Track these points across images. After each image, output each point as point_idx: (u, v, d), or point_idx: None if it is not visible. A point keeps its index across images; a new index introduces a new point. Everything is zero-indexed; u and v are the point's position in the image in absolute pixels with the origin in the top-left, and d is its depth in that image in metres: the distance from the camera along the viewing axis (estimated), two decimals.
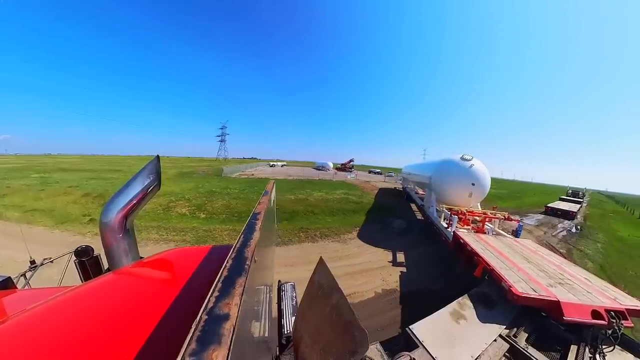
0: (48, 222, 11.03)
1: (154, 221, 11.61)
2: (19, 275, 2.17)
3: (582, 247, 12.31)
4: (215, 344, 0.27)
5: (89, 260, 2.07)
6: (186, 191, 17.15)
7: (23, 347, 0.55)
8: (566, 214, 19.95)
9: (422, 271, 7.97)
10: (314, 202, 15.20)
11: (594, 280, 4.61)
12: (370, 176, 42.85)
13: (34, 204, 13.22)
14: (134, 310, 0.73)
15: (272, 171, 42.99)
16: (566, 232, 15.40)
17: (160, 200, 14.16)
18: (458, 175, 10.28)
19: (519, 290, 4.01)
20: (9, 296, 1.23)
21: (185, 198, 15.16)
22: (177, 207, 13.65)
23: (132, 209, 1.65)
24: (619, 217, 24.68)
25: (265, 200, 1.25)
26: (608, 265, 10.25)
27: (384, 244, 10.06)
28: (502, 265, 5.12)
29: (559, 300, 3.71)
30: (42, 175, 23.81)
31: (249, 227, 0.78)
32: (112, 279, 1.01)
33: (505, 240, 7.17)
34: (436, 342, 3.11)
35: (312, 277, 0.74)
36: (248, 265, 0.51)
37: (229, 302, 0.37)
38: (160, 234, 10.31)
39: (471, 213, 9.30)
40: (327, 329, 0.56)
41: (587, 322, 3.44)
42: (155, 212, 12.74)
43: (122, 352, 0.55)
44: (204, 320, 0.32)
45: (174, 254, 1.23)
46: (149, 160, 1.90)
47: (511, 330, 3.54)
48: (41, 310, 0.71)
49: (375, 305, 6.06)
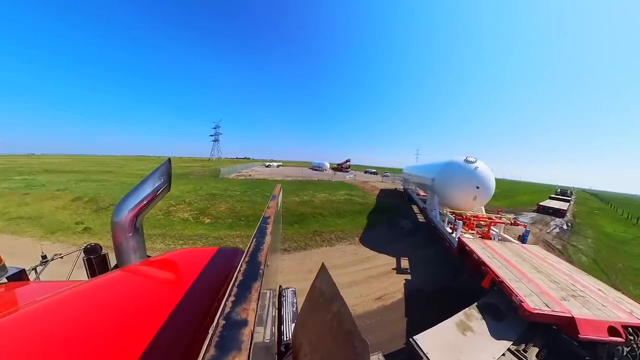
0: (36, 232, 10.10)
1: (156, 228, 11.00)
2: (30, 268, 2.27)
3: (575, 242, 13.15)
4: (235, 350, 0.26)
5: (97, 258, 2.14)
6: (185, 194, 16.66)
7: (32, 337, 0.57)
8: (557, 212, 21.09)
9: (440, 269, 8.37)
10: (320, 203, 15.36)
11: (607, 292, 4.40)
12: (367, 176, 43.40)
13: (19, 210, 12.26)
14: (140, 308, 0.74)
15: (270, 171, 42.83)
16: (559, 229, 16.34)
17: (159, 204, 13.29)
18: (462, 178, 9.99)
19: (531, 306, 3.80)
20: (21, 287, 1.28)
21: (186, 201, 14.63)
22: (178, 211, 13.10)
23: (142, 209, 1.72)
24: (603, 214, 26.34)
25: (273, 204, 1.28)
26: (600, 259, 11.02)
27: (391, 246, 10.33)
28: (512, 276, 4.91)
29: (573, 317, 3.50)
30: (26, 177, 22.22)
31: (260, 231, 0.79)
32: (120, 276, 1.03)
33: (512, 246, 6.96)
34: (441, 354, 3.01)
35: (314, 284, 0.74)
36: (262, 270, 0.52)
37: (246, 308, 0.36)
38: (166, 242, 9.83)
39: (476, 218, 9.10)
40: (328, 337, 0.55)
41: (604, 340, 3.24)
42: (155, 217, 12.13)
43: (128, 348, 0.56)
44: (221, 326, 0.31)
45: (181, 254, 1.27)
46: (141, 160, 1.89)
47: (520, 344, 3.38)
48: (51, 302, 0.74)
49: (408, 304, 6.28)
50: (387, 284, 7.23)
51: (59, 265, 2.50)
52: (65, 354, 0.53)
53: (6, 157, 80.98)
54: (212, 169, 39.51)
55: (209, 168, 43.71)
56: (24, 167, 33.84)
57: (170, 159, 1.93)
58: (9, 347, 0.53)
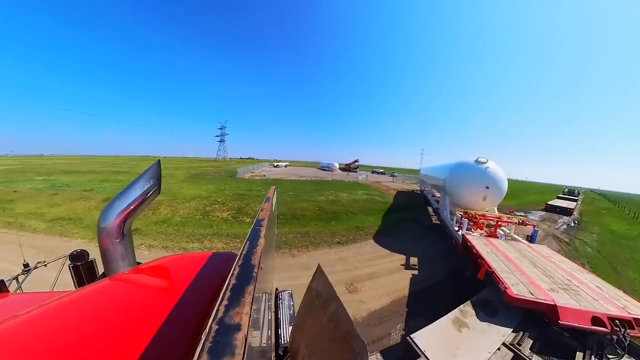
0: (84, 234, 10.04)
1: (204, 228, 11.25)
2: (11, 278, 2.17)
3: (581, 237, 14.73)
4: (229, 355, 0.26)
5: (84, 265, 2.08)
6: (212, 194, 17.20)
7: (14, 354, 0.54)
8: (564, 211, 22.69)
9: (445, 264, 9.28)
10: (346, 203, 16.80)
11: (605, 289, 4.49)
12: (376, 176, 45.02)
13: (53, 211, 12.54)
14: (130, 319, 0.73)
15: (281, 172, 44.34)
16: (566, 225, 18.05)
17: (194, 205, 14.28)
18: (471, 178, 10.33)
19: (514, 292, 4.05)
20: (0, 300, 1.22)
21: (219, 202, 15.24)
22: (215, 211, 13.49)
23: (130, 213, 1.65)
24: (610, 213, 27.45)
25: (267, 206, 1.26)
26: (603, 250, 12.54)
27: (421, 238, 11.73)
28: (504, 268, 5.16)
29: (555, 304, 3.72)
30: (46, 177, 23.14)
31: (254, 234, 0.78)
32: (109, 285, 1.00)
33: (517, 245, 7.18)
34: (438, 351, 3.11)
35: (310, 286, 0.75)
36: (256, 272, 0.52)
37: (239, 312, 0.36)
38: (224, 242, 9.96)
39: (483, 217, 9.41)
40: (325, 339, 0.55)
41: (585, 328, 3.42)
42: (194, 217, 12.55)
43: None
44: (214, 330, 0.31)
45: (173, 260, 1.24)
46: (147, 160, 2.64)
47: (515, 338, 3.53)
48: (33, 316, 0.71)
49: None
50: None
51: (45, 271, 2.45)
52: None
53: (18, 158, 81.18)
54: (225, 170, 40.75)
55: (219, 168, 44.94)
56: (39, 167, 34.96)
57: (160, 160, 1.89)
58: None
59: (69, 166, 40.33)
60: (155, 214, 12.71)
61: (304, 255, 9.31)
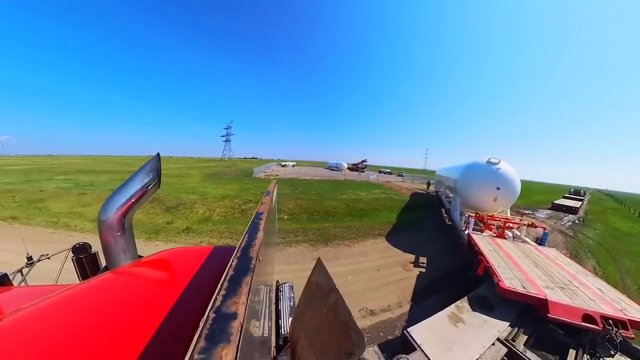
0: (139, 234, 10.17)
1: (246, 226, 13.02)
2: (15, 271, 2.24)
3: (584, 232, 16.48)
4: (224, 342, 0.28)
5: (87, 258, 2.13)
6: (239, 193, 17.89)
7: (19, 347, 0.56)
8: (570, 210, 24.34)
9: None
10: (369, 201, 18.46)
11: (607, 291, 4.49)
12: (385, 176, 46.51)
13: (90, 211, 12.78)
14: (133, 311, 0.75)
15: (291, 171, 45.88)
16: (571, 222, 19.89)
17: (228, 203, 15.04)
18: (482, 179, 10.36)
19: (507, 284, 4.19)
20: (4, 293, 1.27)
21: (252, 201, 15.80)
22: (252, 209, 14.03)
23: (130, 206, 1.69)
24: (616, 213, 28.77)
25: (267, 200, 1.31)
26: (604, 243, 14.25)
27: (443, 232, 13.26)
28: (502, 264, 5.31)
29: (546, 299, 3.81)
30: (67, 177, 23.52)
31: (253, 227, 0.82)
32: (111, 278, 1.03)
33: (523, 246, 7.20)
34: (434, 345, 3.20)
35: (310, 278, 0.77)
36: (254, 264, 0.54)
37: (236, 301, 0.39)
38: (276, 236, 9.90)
39: (491, 217, 9.63)
40: (325, 329, 0.57)
41: (574, 323, 3.52)
42: (233, 216, 13.26)
43: (122, 353, 0.56)
44: (211, 319, 0.33)
45: (174, 253, 1.27)
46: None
47: (509, 334, 3.62)
48: (38, 309, 0.73)
49: None
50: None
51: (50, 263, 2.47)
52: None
53: (30, 158, 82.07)
54: (239, 169, 42.07)
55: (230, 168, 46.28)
56: (54, 167, 35.74)
57: (159, 154, 1.90)
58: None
59: (84, 165, 41.47)
60: (193, 213, 13.57)
61: (356, 245, 10.77)
